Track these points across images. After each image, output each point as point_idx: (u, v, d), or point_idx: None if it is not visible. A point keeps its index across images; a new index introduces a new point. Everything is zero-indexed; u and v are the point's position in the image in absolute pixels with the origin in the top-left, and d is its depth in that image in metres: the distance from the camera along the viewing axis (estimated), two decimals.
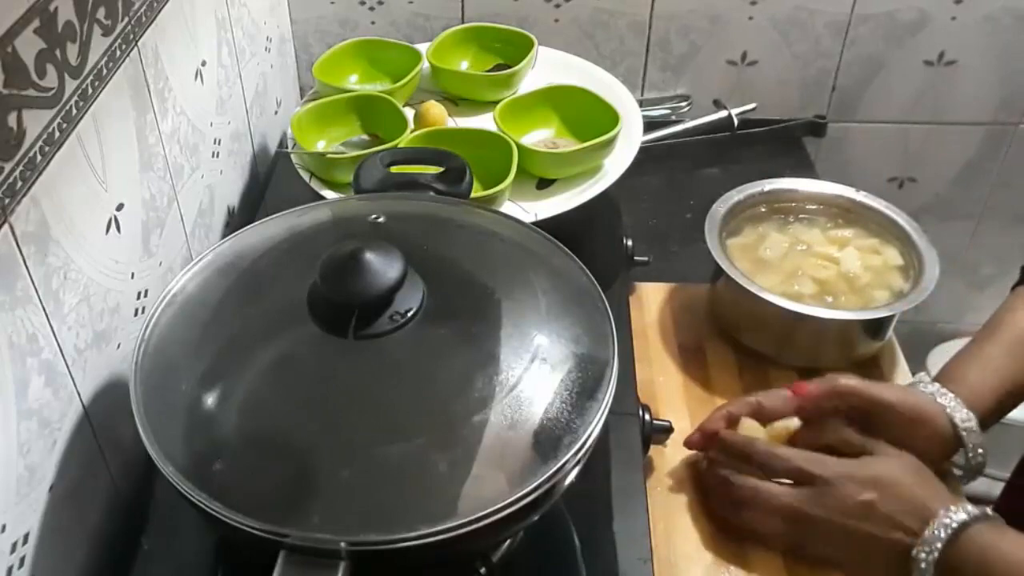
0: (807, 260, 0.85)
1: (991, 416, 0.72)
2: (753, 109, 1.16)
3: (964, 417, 0.70)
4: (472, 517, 0.47)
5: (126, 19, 0.68)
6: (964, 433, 0.70)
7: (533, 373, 0.53)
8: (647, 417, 0.73)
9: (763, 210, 0.90)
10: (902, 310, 0.79)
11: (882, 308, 0.80)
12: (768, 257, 0.86)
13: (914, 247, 0.84)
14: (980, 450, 0.71)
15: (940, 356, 1.36)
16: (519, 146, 0.84)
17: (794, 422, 0.73)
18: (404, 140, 0.86)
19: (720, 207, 0.88)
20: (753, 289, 0.80)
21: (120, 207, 0.67)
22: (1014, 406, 0.75)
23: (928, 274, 0.81)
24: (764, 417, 0.74)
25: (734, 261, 0.84)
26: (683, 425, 0.80)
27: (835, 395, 0.72)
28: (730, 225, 0.88)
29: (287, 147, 0.88)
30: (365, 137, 0.93)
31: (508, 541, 0.61)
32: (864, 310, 0.80)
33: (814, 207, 0.90)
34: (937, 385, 0.73)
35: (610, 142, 0.86)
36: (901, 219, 0.86)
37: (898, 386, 0.78)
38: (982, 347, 0.75)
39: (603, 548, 0.65)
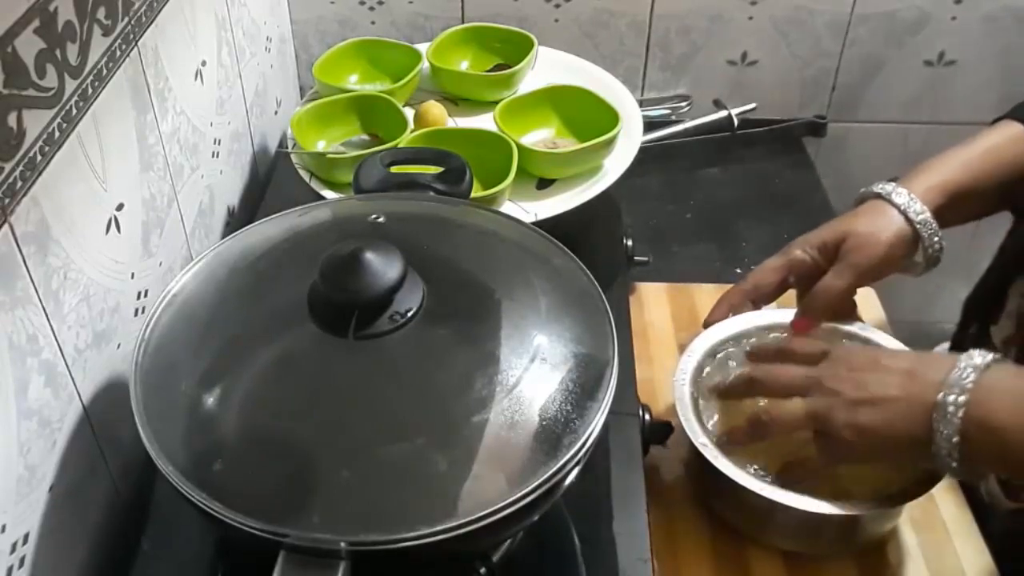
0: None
1: (947, 211, 0.74)
2: (753, 109, 1.16)
3: (918, 210, 0.73)
4: (472, 517, 0.47)
5: (126, 19, 0.68)
6: (919, 226, 0.73)
7: (533, 373, 0.53)
8: (647, 417, 0.73)
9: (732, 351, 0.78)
10: None
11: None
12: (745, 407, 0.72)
13: None
14: (936, 239, 0.74)
15: None
16: (519, 146, 0.84)
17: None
18: (404, 140, 0.86)
19: (690, 359, 0.76)
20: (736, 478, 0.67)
21: (120, 207, 0.67)
22: (977, 209, 0.78)
23: None
24: (759, 296, 0.77)
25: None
26: None
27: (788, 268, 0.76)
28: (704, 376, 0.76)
29: (287, 147, 0.88)
30: (365, 137, 0.93)
31: (508, 541, 0.61)
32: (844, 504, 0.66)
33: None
34: (893, 184, 0.75)
35: (610, 142, 0.86)
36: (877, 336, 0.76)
37: (848, 215, 0.77)
38: (946, 153, 0.77)
39: (603, 548, 0.65)
